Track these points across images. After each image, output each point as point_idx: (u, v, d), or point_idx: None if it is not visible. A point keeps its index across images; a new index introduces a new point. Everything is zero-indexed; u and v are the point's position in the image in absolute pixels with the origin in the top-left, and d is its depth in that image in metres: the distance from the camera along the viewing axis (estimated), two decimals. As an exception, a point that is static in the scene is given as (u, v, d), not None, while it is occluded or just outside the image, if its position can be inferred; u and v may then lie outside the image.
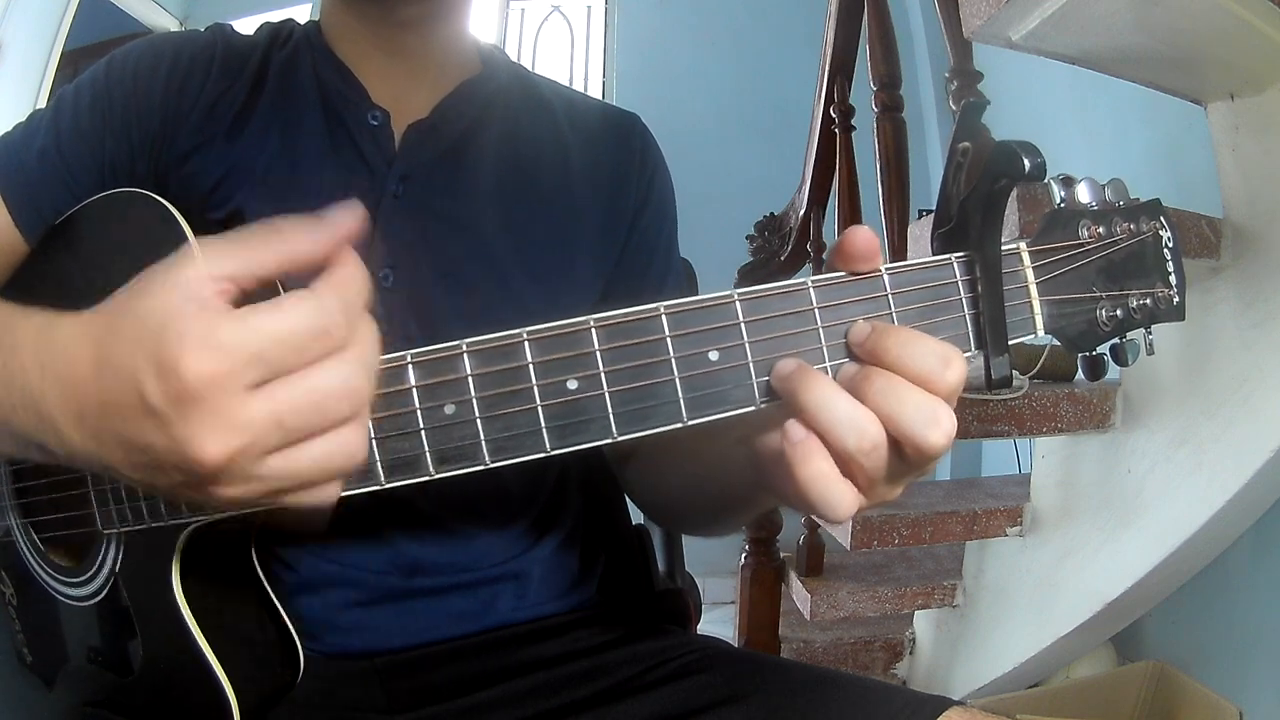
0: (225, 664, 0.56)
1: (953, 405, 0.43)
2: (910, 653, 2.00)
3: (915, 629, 1.99)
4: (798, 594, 1.84)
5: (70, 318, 0.43)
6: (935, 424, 0.42)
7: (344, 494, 0.42)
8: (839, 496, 0.43)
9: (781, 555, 1.95)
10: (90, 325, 0.41)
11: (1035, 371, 1.52)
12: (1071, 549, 1.54)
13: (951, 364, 0.42)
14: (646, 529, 0.87)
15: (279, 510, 0.42)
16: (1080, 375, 0.48)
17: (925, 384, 0.42)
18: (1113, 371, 1.52)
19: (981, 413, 1.41)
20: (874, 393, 0.42)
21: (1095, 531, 1.50)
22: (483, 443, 0.44)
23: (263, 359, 0.37)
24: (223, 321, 0.37)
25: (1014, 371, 0.46)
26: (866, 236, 0.45)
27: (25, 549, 0.68)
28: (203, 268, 0.38)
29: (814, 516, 0.49)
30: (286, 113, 0.71)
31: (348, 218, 0.41)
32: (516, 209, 0.74)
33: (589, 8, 3.79)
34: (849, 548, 1.61)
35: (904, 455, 0.43)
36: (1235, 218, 1.28)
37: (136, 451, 0.39)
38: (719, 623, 2.28)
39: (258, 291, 0.39)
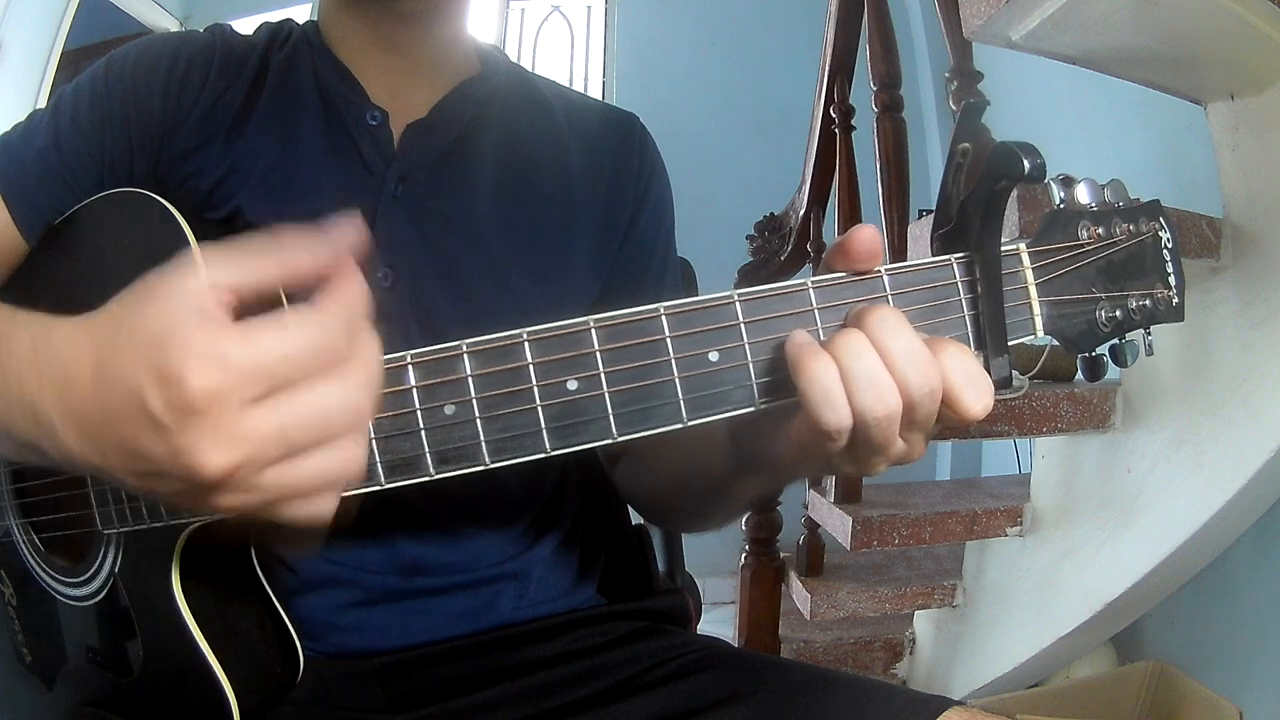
0: (225, 664, 0.56)
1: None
2: (910, 653, 1.99)
3: (915, 629, 1.99)
4: (798, 594, 1.84)
5: (68, 322, 0.43)
6: (972, 383, 0.43)
7: (344, 494, 0.42)
8: (839, 396, 0.43)
9: (781, 555, 1.95)
10: (90, 330, 0.41)
11: (1035, 372, 1.51)
12: (1071, 549, 1.54)
13: (984, 395, 0.44)
14: (646, 529, 0.87)
15: (273, 530, 0.42)
16: (1080, 375, 0.48)
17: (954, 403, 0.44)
18: (1113, 371, 1.52)
19: (981, 412, 1.41)
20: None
21: (1095, 531, 1.50)
22: (483, 443, 0.44)
23: (266, 374, 0.37)
24: (228, 336, 0.37)
25: (1014, 372, 0.46)
26: (869, 236, 0.45)
27: (25, 549, 0.68)
28: (205, 277, 0.38)
29: (801, 476, 0.49)
30: (285, 113, 0.71)
31: (348, 228, 0.41)
32: (515, 209, 0.74)
33: (589, 8, 3.79)
34: (849, 548, 1.61)
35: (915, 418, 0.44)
36: (1235, 218, 1.28)
37: (136, 459, 0.39)
38: (719, 623, 2.28)
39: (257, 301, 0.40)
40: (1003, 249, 0.45)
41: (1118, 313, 0.47)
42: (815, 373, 0.42)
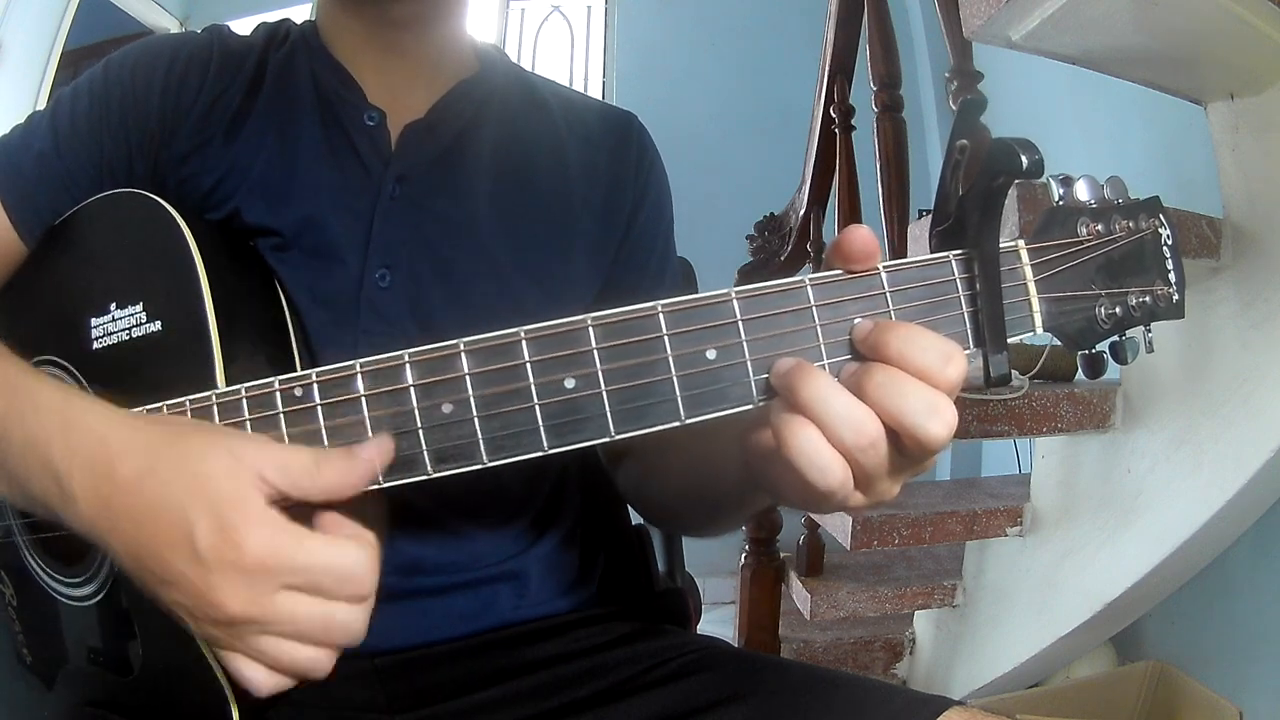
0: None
1: (952, 400, 0.43)
2: (910, 653, 1.99)
3: (915, 629, 1.99)
4: (798, 594, 1.84)
5: (97, 403, 0.48)
6: (936, 414, 0.42)
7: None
8: (828, 462, 0.42)
9: (781, 555, 1.95)
10: (143, 434, 0.46)
11: (1035, 371, 1.51)
12: (1071, 549, 1.54)
13: (953, 360, 0.43)
14: (646, 529, 0.87)
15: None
16: (1080, 375, 0.48)
17: (926, 378, 0.42)
18: (1113, 371, 1.52)
19: (981, 413, 1.41)
20: (874, 387, 0.42)
21: (1095, 531, 1.50)
22: (480, 441, 0.44)
23: (307, 573, 0.44)
24: (286, 528, 0.44)
25: (1014, 372, 0.46)
26: (864, 236, 0.45)
27: (25, 549, 0.68)
28: (259, 461, 0.44)
29: (809, 511, 0.49)
30: (283, 113, 0.71)
31: (381, 452, 0.45)
32: (513, 208, 0.74)
33: (589, 8, 3.80)
34: (849, 548, 1.61)
35: (904, 449, 0.43)
36: (1235, 218, 1.28)
37: (159, 565, 0.44)
38: (719, 623, 2.28)
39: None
40: (1001, 246, 0.45)
41: (1117, 309, 0.47)
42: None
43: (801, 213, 2.05)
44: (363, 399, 0.45)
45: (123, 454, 0.45)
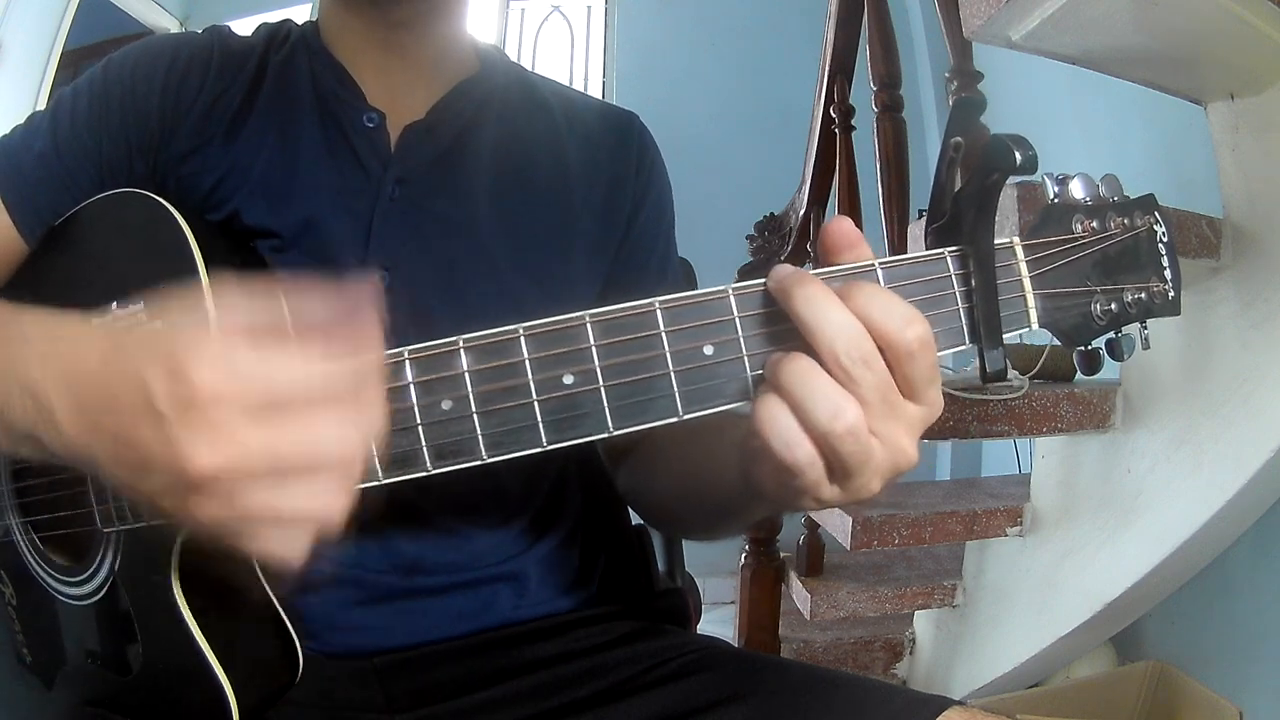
0: (225, 663, 0.56)
1: (929, 370, 0.43)
2: (910, 653, 1.99)
3: (915, 629, 1.99)
4: (798, 594, 1.84)
5: (81, 317, 0.45)
6: (911, 323, 0.42)
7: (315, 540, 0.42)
8: (794, 435, 0.42)
9: (781, 555, 1.95)
10: (103, 325, 0.43)
11: (1035, 371, 1.51)
12: (1071, 549, 1.54)
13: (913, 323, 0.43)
14: (647, 529, 0.87)
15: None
16: (1080, 375, 0.48)
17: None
18: (1113, 371, 1.52)
19: (981, 413, 1.41)
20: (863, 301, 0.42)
21: (1095, 531, 1.50)
22: (479, 438, 0.44)
23: (270, 393, 0.38)
24: (241, 348, 0.38)
25: (1015, 372, 0.46)
26: (842, 227, 0.46)
27: (25, 549, 0.68)
28: (224, 307, 0.40)
29: (790, 509, 0.49)
30: (283, 114, 0.71)
31: (366, 289, 0.42)
32: (513, 209, 0.74)
33: (589, 8, 3.80)
34: (849, 548, 1.61)
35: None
36: (1235, 218, 1.28)
37: (128, 448, 0.39)
38: (719, 623, 2.28)
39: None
40: (997, 243, 0.46)
41: (1113, 306, 0.48)
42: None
43: (801, 213, 2.05)
44: None
45: (89, 346, 0.42)
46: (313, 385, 0.39)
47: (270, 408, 0.38)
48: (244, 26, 0.77)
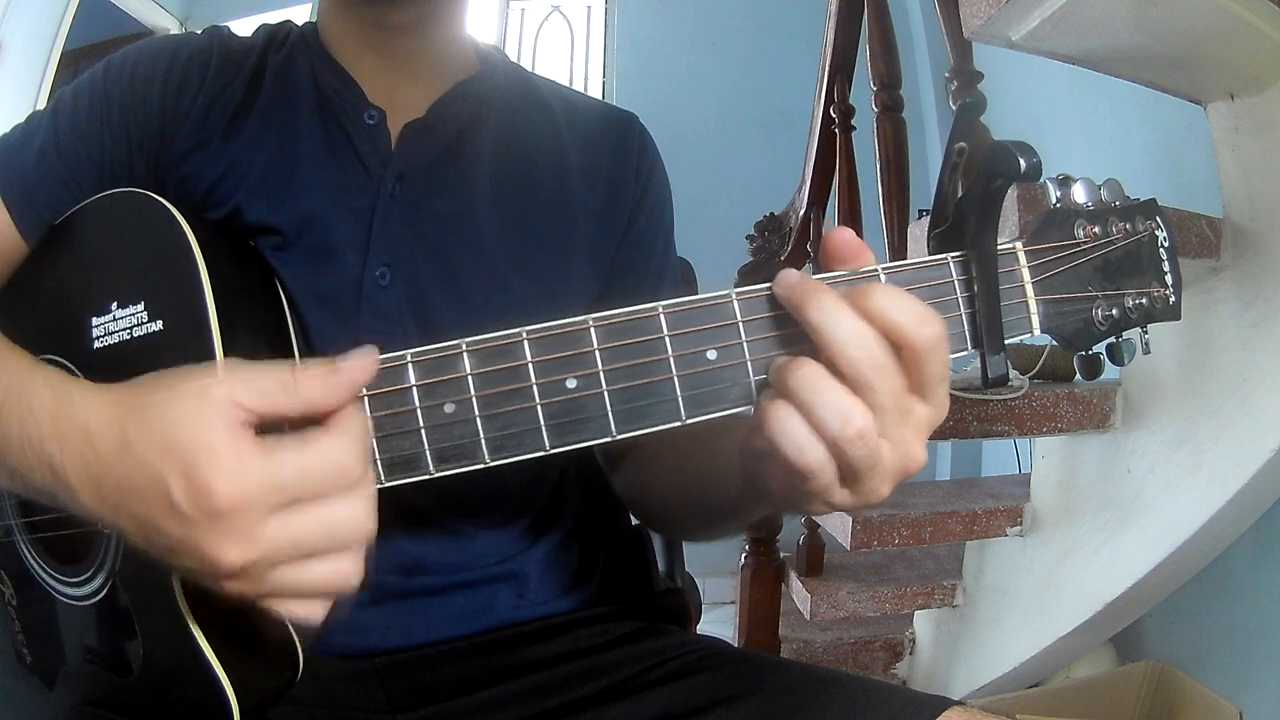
0: (225, 663, 0.56)
1: (942, 368, 0.43)
2: (910, 653, 2.00)
3: (915, 629, 1.99)
4: (798, 594, 1.84)
5: (88, 390, 0.47)
6: (927, 321, 0.42)
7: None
8: (806, 440, 0.42)
9: (781, 555, 1.95)
10: (113, 402, 0.45)
11: (1035, 372, 1.51)
12: (1071, 549, 1.54)
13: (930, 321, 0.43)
14: (646, 529, 0.87)
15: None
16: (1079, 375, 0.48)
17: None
18: (1113, 372, 1.52)
19: (981, 413, 1.41)
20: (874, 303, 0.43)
21: (1095, 531, 1.50)
22: (482, 441, 0.44)
23: (285, 489, 0.41)
24: (253, 453, 0.41)
25: (1015, 372, 0.46)
26: (844, 236, 0.46)
27: (25, 549, 0.68)
28: (230, 390, 0.42)
29: (799, 510, 0.49)
30: (283, 113, 0.71)
31: (363, 366, 0.44)
32: (513, 208, 0.74)
33: (589, 8, 3.79)
34: (849, 548, 1.61)
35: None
36: (1235, 218, 1.28)
37: (156, 534, 0.43)
38: (719, 623, 2.28)
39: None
40: (999, 248, 0.46)
41: (1114, 311, 0.48)
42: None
43: (801, 213, 2.04)
44: (365, 398, 0.45)
45: (100, 434, 0.44)
46: (320, 472, 0.42)
47: (286, 502, 0.42)
48: (244, 27, 0.77)
